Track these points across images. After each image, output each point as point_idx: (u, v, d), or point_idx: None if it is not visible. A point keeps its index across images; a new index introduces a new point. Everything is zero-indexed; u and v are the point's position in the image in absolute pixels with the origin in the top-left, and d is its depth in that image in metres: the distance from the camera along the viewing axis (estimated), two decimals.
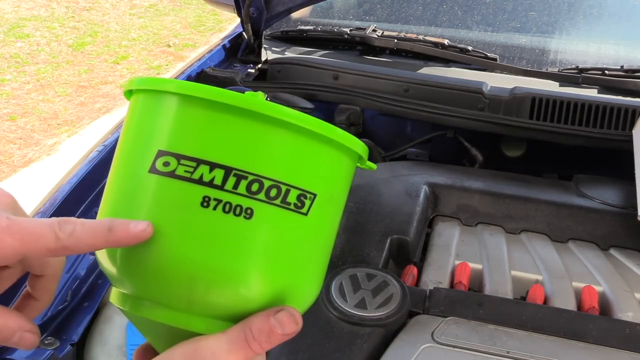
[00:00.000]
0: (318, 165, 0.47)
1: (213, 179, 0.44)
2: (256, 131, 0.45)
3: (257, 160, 0.45)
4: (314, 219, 0.47)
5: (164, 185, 0.45)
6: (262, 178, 0.44)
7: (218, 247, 0.44)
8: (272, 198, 0.45)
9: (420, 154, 1.46)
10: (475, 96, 1.43)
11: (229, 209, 0.44)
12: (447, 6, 1.88)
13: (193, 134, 0.45)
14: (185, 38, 5.46)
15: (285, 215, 0.45)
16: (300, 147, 0.46)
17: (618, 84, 1.46)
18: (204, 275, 0.45)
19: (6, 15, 5.38)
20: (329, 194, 0.48)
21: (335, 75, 1.51)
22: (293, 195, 0.45)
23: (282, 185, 0.45)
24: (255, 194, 0.44)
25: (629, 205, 1.01)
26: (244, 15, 1.52)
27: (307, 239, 0.48)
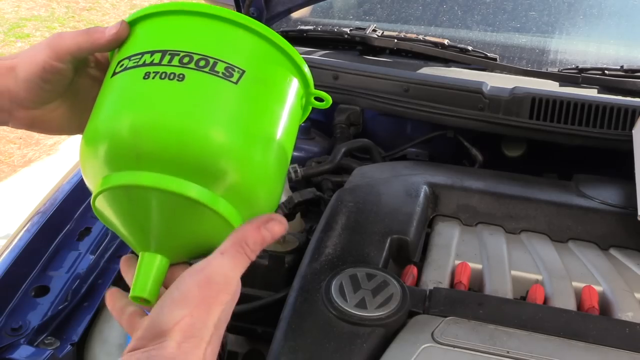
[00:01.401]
0: (240, 47, 0.57)
1: (152, 60, 0.55)
2: (185, 21, 0.57)
3: (187, 41, 0.56)
4: (246, 88, 0.56)
5: (120, 80, 0.56)
6: (191, 53, 0.55)
7: (161, 109, 0.54)
8: (201, 67, 0.55)
9: (420, 154, 1.46)
10: (475, 96, 1.42)
11: (164, 76, 0.54)
12: (447, 6, 1.88)
13: (137, 38, 0.58)
14: None
15: (214, 80, 0.55)
16: (221, 29, 0.57)
17: (618, 84, 1.46)
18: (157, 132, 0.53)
19: (6, 15, 5.38)
20: (258, 76, 0.57)
21: (335, 75, 1.51)
22: (221, 66, 0.55)
23: (209, 58, 0.55)
24: (186, 64, 0.55)
25: (629, 205, 1.01)
26: None
27: (241, 102, 0.56)
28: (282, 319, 0.77)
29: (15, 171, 3.38)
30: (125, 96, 0.56)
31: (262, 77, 0.58)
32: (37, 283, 0.97)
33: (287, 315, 0.77)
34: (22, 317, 0.91)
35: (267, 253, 0.95)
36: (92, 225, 1.10)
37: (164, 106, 0.54)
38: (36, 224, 1.05)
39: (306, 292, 0.80)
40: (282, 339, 0.73)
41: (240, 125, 0.56)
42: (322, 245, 0.89)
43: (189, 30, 0.57)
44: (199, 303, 0.48)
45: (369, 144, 1.34)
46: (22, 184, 3.21)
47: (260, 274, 0.94)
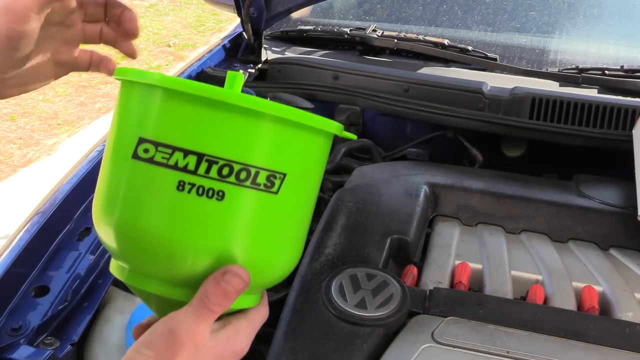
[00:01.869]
0: (285, 147, 0.52)
1: (187, 165, 0.48)
2: (224, 119, 0.49)
3: (227, 145, 0.49)
4: (286, 196, 0.52)
5: (145, 170, 0.50)
6: (232, 162, 0.49)
7: (194, 227, 0.49)
8: (242, 180, 0.49)
9: (420, 154, 1.46)
10: (475, 96, 1.43)
11: (202, 192, 0.49)
12: (447, 6, 1.88)
13: (169, 123, 0.50)
14: (185, 38, 5.46)
15: (256, 195, 0.50)
16: (266, 132, 0.51)
17: (618, 84, 1.46)
18: (183, 253, 0.49)
19: None
20: (299, 173, 0.52)
21: (335, 75, 1.51)
22: (263, 177, 0.50)
23: (251, 167, 0.49)
24: (226, 177, 0.49)
25: (629, 205, 1.01)
26: (244, 15, 1.52)
27: (280, 215, 0.52)
28: (282, 319, 0.77)
29: (15, 171, 3.38)
30: (156, 204, 0.49)
31: (302, 172, 0.53)
32: (37, 283, 0.97)
33: (287, 315, 0.77)
34: (22, 317, 0.91)
35: None
36: (92, 225, 1.10)
37: (203, 230, 0.49)
38: (36, 224, 1.05)
39: (306, 292, 0.80)
40: (282, 339, 0.73)
41: (282, 241, 0.53)
42: (322, 245, 0.89)
43: (228, 128, 0.49)
44: (164, 350, 0.50)
45: (369, 144, 1.34)
46: (22, 184, 3.21)
47: None
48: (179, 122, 0.49)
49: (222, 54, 1.66)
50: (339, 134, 0.57)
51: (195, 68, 1.54)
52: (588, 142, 1.27)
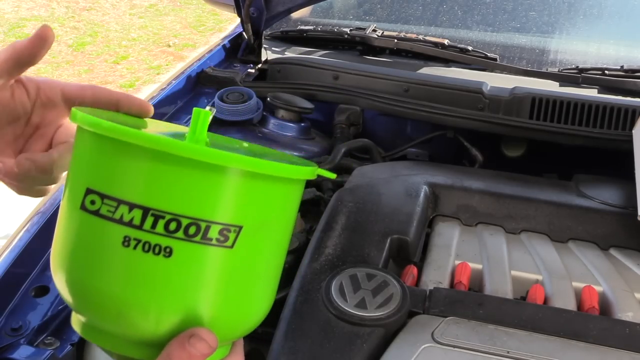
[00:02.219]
0: (240, 198, 0.47)
1: (132, 219, 0.46)
2: (170, 171, 0.46)
3: (173, 199, 0.46)
4: (243, 249, 0.48)
5: (91, 223, 0.47)
6: (179, 217, 0.45)
7: (140, 286, 0.46)
8: (191, 236, 0.46)
9: (420, 154, 1.46)
10: (475, 96, 1.43)
11: (148, 248, 0.46)
12: (447, 6, 1.88)
13: (113, 174, 0.47)
14: (185, 38, 5.46)
15: (208, 250, 0.47)
16: (217, 183, 0.47)
17: (618, 84, 1.46)
18: (130, 312, 0.47)
19: (6, 15, 5.38)
20: (258, 224, 0.49)
21: (335, 75, 1.51)
22: (214, 231, 0.46)
23: (200, 222, 0.46)
24: (173, 232, 0.45)
25: (629, 205, 1.01)
26: (244, 15, 1.52)
27: (237, 269, 0.49)
28: (282, 319, 0.77)
29: None
30: (102, 260, 0.47)
31: (262, 223, 0.49)
32: (37, 283, 0.97)
33: (287, 315, 0.77)
34: (22, 317, 0.91)
35: None
36: None
37: (150, 288, 0.46)
38: (36, 224, 1.05)
39: (306, 292, 0.80)
40: (282, 339, 0.73)
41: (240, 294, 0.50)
42: (322, 245, 0.89)
43: (174, 180, 0.46)
44: None
45: (369, 144, 1.34)
46: None
47: None
48: (123, 173, 0.47)
49: (222, 54, 1.66)
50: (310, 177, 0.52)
51: (195, 68, 1.54)
52: (588, 142, 1.27)
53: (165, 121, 1.34)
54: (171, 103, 1.42)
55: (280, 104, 1.39)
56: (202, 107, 0.52)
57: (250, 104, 1.38)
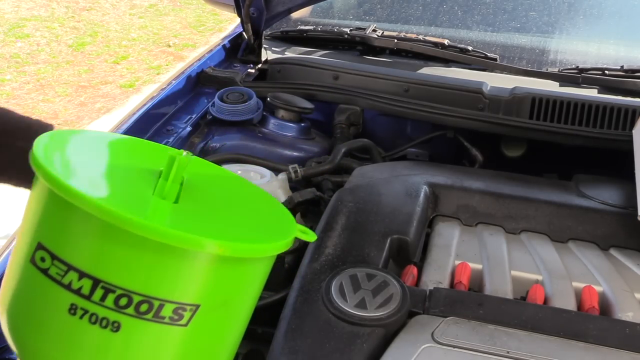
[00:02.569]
0: (196, 278, 0.45)
1: (81, 288, 0.43)
2: (123, 246, 0.44)
3: (126, 275, 0.43)
4: (199, 328, 0.46)
5: (38, 281, 0.44)
6: (131, 293, 0.43)
7: (82, 357, 0.44)
8: (143, 313, 0.43)
9: (420, 154, 1.46)
10: (475, 96, 1.43)
11: (95, 320, 0.43)
12: (447, 6, 1.88)
13: (65, 236, 0.44)
14: (185, 38, 5.46)
15: (159, 329, 0.44)
16: (174, 264, 0.44)
17: (618, 84, 1.46)
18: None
19: (6, 15, 5.38)
20: (218, 302, 0.46)
21: (335, 75, 1.51)
22: (168, 309, 0.44)
23: (153, 300, 0.44)
24: (124, 308, 0.43)
25: (629, 205, 1.01)
26: (244, 15, 1.52)
27: (189, 347, 0.46)
28: (282, 319, 0.77)
29: None
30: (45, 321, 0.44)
31: (221, 301, 0.47)
32: None
33: (287, 315, 0.77)
34: None
35: None
36: None
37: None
38: None
39: (306, 292, 0.80)
40: (282, 339, 0.73)
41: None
42: (322, 245, 0.89)
43: (128, 256, 0.43)
44: None
45: (369, 144, 1.34)
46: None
47: None
48: (75, 238, 0.44)
49: (222, 54, 1.66)
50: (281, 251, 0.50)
51: (195, 68, 1.54)
52: (588, 142, 1.27)
53: (161, 124, 1.34)
54: (171, 103, 1.42)
55: (280, 104, 1.39)
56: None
57: (250, 104, 1.38)
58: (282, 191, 1.14)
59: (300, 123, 1.41)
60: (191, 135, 1.35)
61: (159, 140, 1.29)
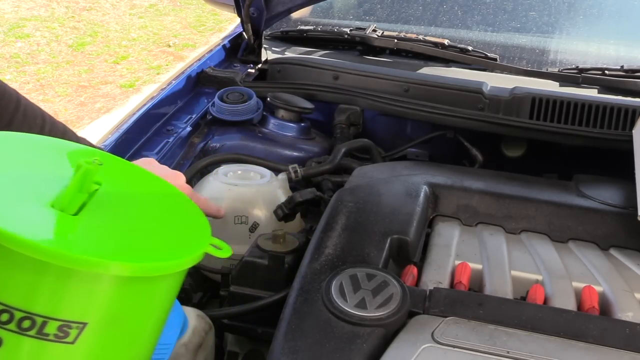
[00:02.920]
0: (83, 295, 0.43)
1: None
2: (5, 263, 0.42)
3: (6, 291, 0.42)
4: (88, 346, 0.44)
5: None
6: (11, 309, 0.42)
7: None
8: (25, 329, 0.42)
9: (420, 154, 1.46)
10: (475, 96, 1.43)
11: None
12: (447, 6, 1.88)
13: None
14: (185, 38, 5.46)
15: (43, 345, 0.43)
16: (52, 280, 0.43)
17: (618, 84, 1.46)
18: None
19: (6, 15, 5.38)
20: (109, 319, 0.45)
21: (335, 75, 1.51)
22: (52, 326, 0.43)
23: (35, 317, 0.42)
24: (5, 324, 0.42)
25: (629, 205, 1.01)
26: (244, 15, 1.52)
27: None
28: (282, 319, 0.77)
29: None
30: None
31: (112, 319, 0.45)
32: None
33: (287, 315, 0.77)
34: None
35: (267, 253, 0.95)
36: None
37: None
38: None
39: (306, 292, 0.80)
40: (282, 339, 0.73)
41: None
42: (322, 245, 0.89)
43: (7, 272, 0.42)
44: None
45: (369, 144, 1.34)
46: None
47: (260, 274, 0.94)
48: None
49: (222, 54, 1.66)
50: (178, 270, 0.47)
51: (195, 68, 1.54)
52: (588, 142, 1.27)
53: (161, 124, 1.33)
54: (171, 103, 1.42)
55: (280, 104, 1.39)
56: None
57: (250, 104, 1.38)
58: (282, 191, 1.15)
59: (300, 123, 1.41)
60: (191, 135, 1.35)
61: (159, 140, 1.29)
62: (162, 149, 1.26)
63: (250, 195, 1.10)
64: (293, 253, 0.97)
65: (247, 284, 0.95)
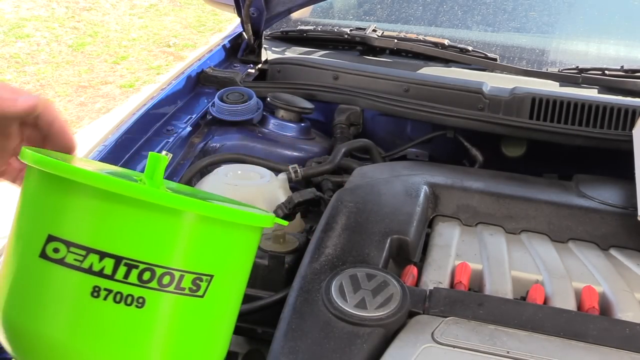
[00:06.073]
0: (213, 247, 0.47)
1: (103, 269, 0.43)
2: (141, 218, 0.44)
3: (147, 248, 0.44)
4: (213, 299, 0.47)
5: (54, 273, 0.44)
6: (153, 266, 0.44)
7: (110, 339, 0.44)
8: (165, 285, 0.44)
9: (420, 154, 1.46)
10: (475, 96, 1.43)
11: (120, 299, 0.43)
12: (447, 6, 1.88)
13: (82, 221, 0.44)
14: (185, 38, 5.46)
15: (180, 300, 0.45)
16: (191, 231, 0.46)
17: (618, 84, 1.46)
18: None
19: (6, 15, 5.38)
20: (227, 273, 0.48)
21: (335, 75, 1.51)
22: (188, 280, 0.45)
23: (174, 271, 0.45)
24: (147, 282, 0.44)
25: (629, 205, 1.01)
26: (244, 15, 1.52)
27: (205, 319, 0.48)
28: (282, 319, 0.77)
29: None
30: (66, 312, 0.44)
31: (230, 272, 0.49)
32: None
33: (287, 315, 0.77)
34: None
35: (267, 253, 0.95)
36: None
37: (122, 341, 0.44)
38: None
39: (306, 292, 0.80)
40: (282, 339, 0.73)
41: (206, 345, 0.49)
42: (322, 245, 0.89)
43: (147, 228, 0.44)
44: None
45: (369, 144, 1.34)
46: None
47: (260, 274, 0.94)
48: (92, 220, 0.44)
49: (222, 54, 1.66)
50: (269, 226, 0.53)
51: (195, 68, 1.54)
52: (588, 142, 1.27)
53: (161, 124, 1.34)
54: (171, 103, 1.42)
55: (280, 104, 1.39)
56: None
57: (250, 104, 1.38)
58: (282, 191, 1.14)
59: (300, 123, 1.41)
60: (191, 136, 1.35)
61: (159, 140, 1.29)
62: (162, 149, 1.26)
63: (250, 195, 1.10)
64: (293, 253, 0.97)
65: (248, 284, 0.95)
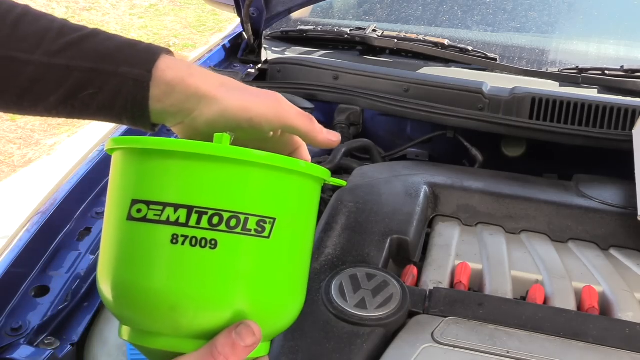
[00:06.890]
0: (272, 193, 0.53)
1: (178, 218, 0.50)
2: (208, 171, 0.52)
3: (214, 196, 0.51)
4: (278, 240, 0.53)
5: (139, 229, 0.52)
6: (220, 211, 0.51)
7: (191, 277, 0.51)
8: (233, 227, 0.51)
9: (420, 154, 1.46)
10: (475, 96, 1.43)
11: (195, 243, 0.50)
12: (447, 6, 1.88)
13: (158, 182, 0.52)
14: (185, 38, 5.46)
15: (249, 240, 0.51)
16: (251, 179, 0.52)
17: (618, 84, 1.46)
18: (183, 304, 0.51)
19: None
20: (289, 217, 0.54)
21: (335, 75, 1.51)
22: (252, 222, 0.51)
23: (240, 215, 0.51)
24: (217, 226, 0.50)
25: (629, 205, 1.01)
26: (244, 15, 1.52)
27: (275, 259, 0.53)
28: None
29: (15, 171, 3.38)
30: (153, 260, 0.51)
31: (292, 216, 0.54)
32: (37, 283, 0.97)
33: None
34: (22, 317, 0.91)
35: None
36: (92, 225, 1.10)
37: (201, 279, 0.50)
38: (36, 224, 1.05)
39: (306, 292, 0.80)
40: (282, 339, 0.73)
41: (280, 285, 0.54)
42: (322, 245, 0.89)
43: (213, 179, 0.52)
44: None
45: (369, 144, 1.34)
46: (22, 184, 3.21)
47: None
48: (167, 180, 0.52)
49: (222, 54, 1.66)
50: (327, 180, 0.59)
51: None
52: (588, 142, 1.27)
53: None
54: None
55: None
56: None
57: None
58: None
59: None
60: None
61: None
62: None
63: None
64: None
65: None
